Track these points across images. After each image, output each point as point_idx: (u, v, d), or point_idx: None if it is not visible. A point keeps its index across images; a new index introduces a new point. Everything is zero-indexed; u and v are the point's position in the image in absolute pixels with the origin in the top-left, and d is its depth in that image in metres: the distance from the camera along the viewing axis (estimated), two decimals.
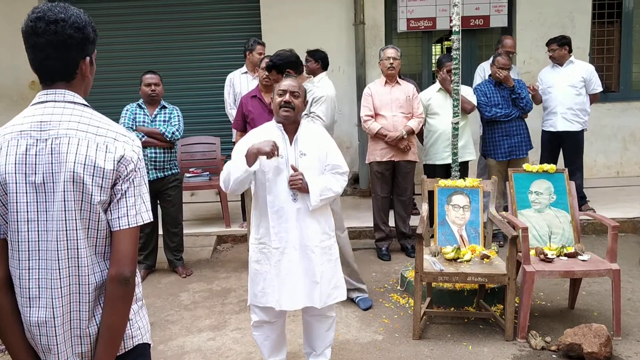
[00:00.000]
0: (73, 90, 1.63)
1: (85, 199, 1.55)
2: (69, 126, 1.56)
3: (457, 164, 4.53)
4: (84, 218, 1.56)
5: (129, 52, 7.52)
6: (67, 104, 1.60)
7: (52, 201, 1.55)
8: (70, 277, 1.58)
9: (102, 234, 1.60)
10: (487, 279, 3.62)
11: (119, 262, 1.57)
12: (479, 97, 5.41)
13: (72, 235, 1.56)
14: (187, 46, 7.51)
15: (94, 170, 1.54)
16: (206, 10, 7.51)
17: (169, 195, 4.99)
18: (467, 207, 4.03)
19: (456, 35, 4.25)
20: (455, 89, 4.37)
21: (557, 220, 4.00)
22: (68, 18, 1.56)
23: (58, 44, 1.55)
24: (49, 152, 1.54)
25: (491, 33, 7.56)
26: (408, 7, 7.12)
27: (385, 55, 5.18)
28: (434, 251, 3.88)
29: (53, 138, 1.55)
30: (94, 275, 1.60)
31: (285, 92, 3.01)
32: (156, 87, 4.89)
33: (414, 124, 5.14)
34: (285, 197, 2.95)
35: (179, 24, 7.50)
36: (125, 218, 1.59)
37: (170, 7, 7.49)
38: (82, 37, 1.59)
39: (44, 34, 1.54)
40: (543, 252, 3.76)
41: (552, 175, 4.09)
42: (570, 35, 6.17)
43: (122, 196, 1.59)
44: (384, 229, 5.39)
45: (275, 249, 2.97)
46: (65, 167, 1.53)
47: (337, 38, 7.31)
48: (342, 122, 7.22)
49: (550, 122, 5.89)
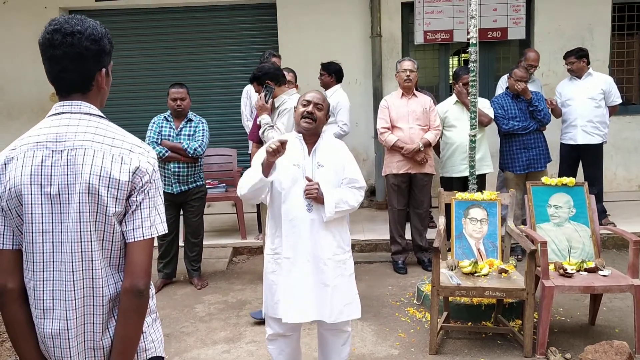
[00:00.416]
0: (89, 102, 1.63)
1: (101, 210, 1.55)
2: (84, 138, 1.56)
3: (475, 176, 4.49)
4: (99, 229, 1.56)
5: (146, 65, 7.60)
6: (82, 115, 1.61)
7: (67, 212, 1.54)
8: (85, 289, 1.57)
9: (116, 246, 1.59)
10: (505, 294, 3.56)
11: (134, 274, 1.57)
12: (496, 109, 5.37)
13: (86, 247, 1.55)
14: (204, 58, 7.57)
15: (109, 182, 1.54)
16: (223, 23, 7.58)
17: (191, 206, 5.01)
18: (485, 220, 3.98)
19: (473, 47, 4.22)
20: (473, 101, 4.33)
21: (577, 235, 3.93)
22: (84, 30, 1.57)
23: (74, 56, 1.56)
24: (65, 163, 1.54)
25: (509, 45, 7.52)
26: (425, 19, 7.11)
27: (402, 67, 5.16)
28: (451, 265, 3.83)
29: (69, 149, 1.55)
30: (108, 287, 1.60)
31: (309, 102, 3.02)
32: (182, 102, 4.90)
33: (430, 136, 5.11)
34: (300, 207, 2.94)
35: (197, 37, 7.57)
36: (140, 230, 1.58)
37: (188, 20, 7.57)
38: (98, 49, 1.60)
39: (61, 46, 1.55)
40: (562, 267, 3.69)
41: (572, 189, 4.03)
42: (589, 47, 6.12)
43: (137, 208, 1.58)
44: (401, 241, 5.34)
45: (287, 258, 2.94)
46: (80, 178, 1.53)
47: (353, 50, 7.32)
48: (359, 134, 7.22)
49: (570, 134, 5.82)
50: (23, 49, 7.30)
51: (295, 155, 2.99)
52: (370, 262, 5.55)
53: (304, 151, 3.01)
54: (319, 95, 3.08)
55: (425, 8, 7.09)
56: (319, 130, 3.06)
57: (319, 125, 3.04)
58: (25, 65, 7.31)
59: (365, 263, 5.46)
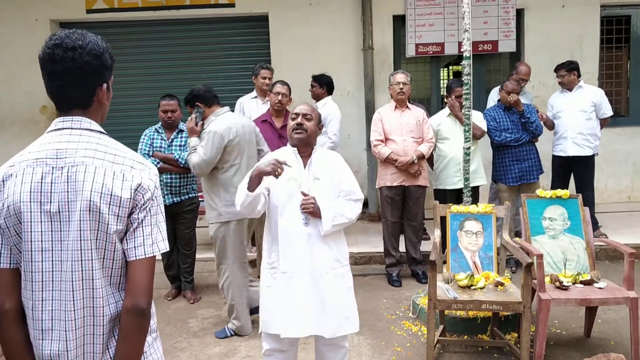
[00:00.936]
0: (89, 117, 1.61)
1: (102, 228, 1.52)
2: (85, 154, 1.54)
3: (469, 189, 4.49)
4: (100, 248, 1.53)
5: (138, 77, 7.54)
6: (83, 131, 1.58)
7: (68, 230, 1.52)
8: (85, 309, 1.54)
9: (117, 264, 1.57)
10: (502, 307, 3.54)
11: (135, 293, 1.54)
12: (489, 122, 5.39)
13: (87, 266, 1.52)
14: (195, 71, 7.54)
15: (110, 199, 1.52)
16: (215, 36, 7.56)
17: (184, 218, 4.99)
18: (480, 233, 3.97)
19: (467, 60, 4.24)
20: (467, 114, 4.34)
21: (572, 247, 3.93)
22: (86, 45, 1.55)
23: (75, 71, 1.54)
24: (65, 180, 1.51)
25: (499, 58, 7.58)
26: (416, 32, 7.16)
27: (395, 80, 5.18)
28: (447, 278, 3.81)
29: (69, 166, 1.52)
30: (109, 306, 1.57)
31: (297, 115, 3.04)
32: (172, 114, 4.90)
33: (424, 148, 5.11)
34: (296, 221, 2.91)
35: (188, 49, 7.54)
36: (142, 248, 1.56)
37: (179, 32, 7.54)
38: (99, 64, 1.58)
39: (62, 61, 1.53)
40: (558, 280, 3.69)
41: (566, 201, 4.03)
42: (579, 59, 6.17)
43: (139, 225, 1.56)
44: (395, 254, 5.32)
45: (283, 273, 2.92)
46: (81, 195, 1.51)
47: (346, 63, 7.34)
48: (351, 146, 7.23)
49: (561, 146, 5.85)
50: (14, 60, 7.25)
51: (292, 169, 2.97)
52: (364, 274, 5.52)
53: (299, 165, 3.00)
54: (306, 106, 3.10)
55: (416, 21, 7.14)
56: (312, 141, 3.05)
57: (311, 136, 3.03)
58: (16, 77, 7.25)
59: (359, 276, 5.42)
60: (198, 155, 4.00)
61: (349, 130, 7.20)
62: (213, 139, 3.98)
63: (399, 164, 5.06)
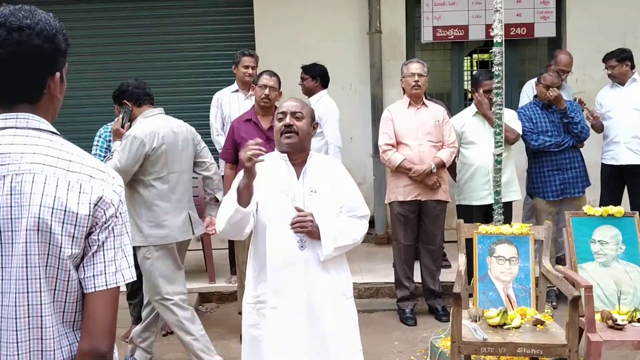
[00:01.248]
0: (38, 114, 1.60)
1: (53, 252, 1.50)
2: (33, 160, 1.52)
3: (501, 205, 4.49)
4: (50, 277, 1.51)
5: (99, 65, 7.49)
6: (31, 131, 1.57)
7: (10, 255, 1.49)
8: (32, 353, 1.52)
9: (72, 297, 1.55)
10: (542, 351, 3.54)
11: (93, 333, 1.52)
12: (523, 123, 5.41)
13: (34, 299, 1.50)
14: (167, 57, 7.55)
15: (64, 216, 1.50)
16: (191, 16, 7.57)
17: None
18: (515, 259, 3.98)
19: (498, 47, 4.26)
20: (498, 113, 4.36)
21: (627, 277, 3.95)
22: (35, 25, 1.54)
23: (22, 57, 1.53)
24: (8, 192, 1.50)
25: (536, 45, 7.63)
26: (434, 12, 7.18)
27: (409, 70, 5.20)
28: (474, 315, 3.81)
29: (13, 175, 1.51)
30: (61, 349, 1.55)
31: (285, 114, 3.00)
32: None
33: (444, 155, 5.12)
34: (290, 244, 2.91)
35: (159, 32, 7.55)
36: (102, 277, 1.54)
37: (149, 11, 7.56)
38: (52, 48, 1.57)
39: (5, 45, 1.51)
40: (611, 317, 3.69)
41: (620, 220, 4.05)
42: (632, 47, 6.20)
43: (99, 248, 1.54)
44: (408, 285, 5.32)
45: (273, 308, 2.91)
46: (28, 211, 1.49)
47: (347, 50, 7.36)
48: (354, 152, 7.24)
49: (612, 153, 5.86)
50: None
51: (282, 180, 2.96)
52: (370, 310, 5.52)
53: (291, 175, 2.99)
54: (295, 102, 3.08)
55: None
56: (306, 145, 3.04)
57: (304, 139, 3.02)
58: None
59: (365, 312, 5.41)
60: (113, 162, 3.99)
61: (351, 132, 7.20)
62: (131, 145, 3.98)
63: (413, 174, 5.07)
